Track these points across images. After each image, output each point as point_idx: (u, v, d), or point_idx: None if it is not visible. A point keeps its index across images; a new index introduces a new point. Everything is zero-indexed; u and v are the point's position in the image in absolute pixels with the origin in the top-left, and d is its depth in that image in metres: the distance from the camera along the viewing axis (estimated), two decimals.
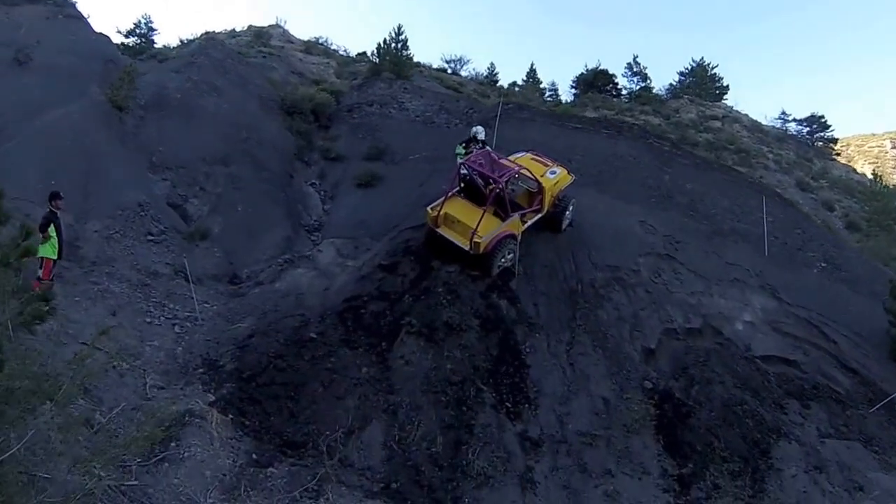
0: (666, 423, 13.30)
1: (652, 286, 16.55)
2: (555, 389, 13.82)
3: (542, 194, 16.75)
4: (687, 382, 14.12)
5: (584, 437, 12.88)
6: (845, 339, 15.93)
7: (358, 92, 28.72)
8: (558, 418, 13.29)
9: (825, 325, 16.20)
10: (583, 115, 28.19)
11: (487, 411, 13.09)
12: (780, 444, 12.89)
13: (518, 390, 13.60)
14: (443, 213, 15.72)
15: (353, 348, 14.01)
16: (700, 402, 13.60)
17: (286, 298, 15.81)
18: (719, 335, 15.39)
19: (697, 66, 42.40)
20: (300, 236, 19.63)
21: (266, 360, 13.52)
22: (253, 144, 21.80)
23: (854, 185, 36.79)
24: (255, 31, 37.93)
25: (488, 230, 15.18)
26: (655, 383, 14.15)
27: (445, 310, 14.58)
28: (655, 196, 20.54)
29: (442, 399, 13.07)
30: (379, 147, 23.78)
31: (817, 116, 43.22)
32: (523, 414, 13.21)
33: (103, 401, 11.27)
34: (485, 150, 16.89)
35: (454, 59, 42.72)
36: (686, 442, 12.90)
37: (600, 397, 13.72)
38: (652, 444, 12.96)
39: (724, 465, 12.37)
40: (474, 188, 16.42)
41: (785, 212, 22.28)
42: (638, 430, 13.06)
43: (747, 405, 13.53)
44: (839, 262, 19.63)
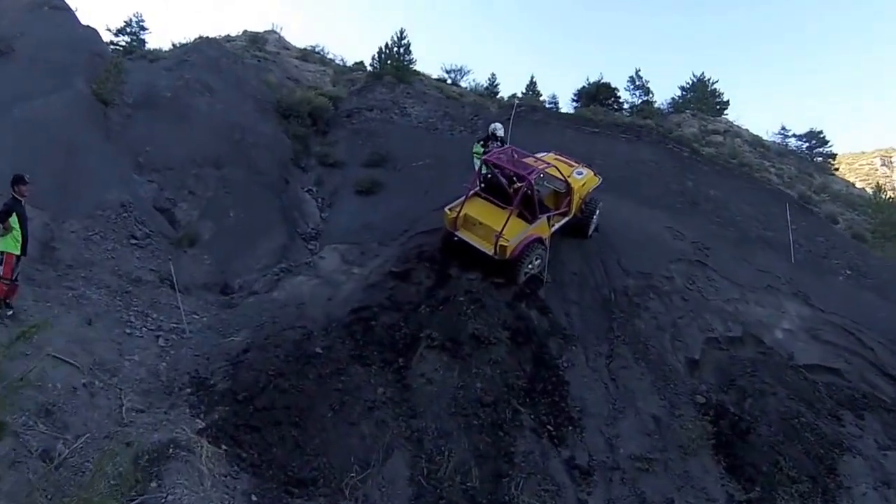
0: (724, 441, 11.95)
1: (687, 293, 15.55)
2: (599, 408, 12.36)
3: (571, 196, 15.49)
4: (738, 395, 12.97)
5: (639, 461, 11.40)
6: (880, 346, 15.13)
7: (357, 97, 27.81)
8: (607, 441, 11.78)
9: (860, 333, 15.41)
10: (600, 119, 27.12)
11: (528, 436, 11.44)
12: (844, 458, 11.82)
13: (559, 410, 12.06)
14: (462, 215, 14.35)
15: (366, 365, 12.33)
16: (756, 416, 12.39)
17: (285, 309, 14.17)
18: (761, 344, 14.46)
19: (698, 81, 41.88)
20: (296, 244, 18.25)
21: (265, 379, 11.66)
22: (247, 147, 20.69)
23: (855, 198, 36.81)
24: (251, 35, 37.12)
25: (515, 233, 13.84)
26: (707, 397, 12.90)
27: (470, 321, 13.05)
28: (680, 202, 20.05)
29: (474, 423, 11.41)
30: (380, 153, 22.85)
31: (816, 132, 43.56)
32: (568, 438, 11.65)
33: (68, 427, 9.37)
34: (508, 147, 15.63)
35: (454, 69, 41.33)
36: (749, 462, 11.57)
37: (650, 415, 12.34)
38: (712, 466, 11.60)
39: (793, 486, 11.11)
40: (497, 187, 15.03)
41: (807, 219, 22.05)
42: (695, 450, 11.69)
43: (804, 418, 12.44)
44: (864, 270, 19.30)
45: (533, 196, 14.29)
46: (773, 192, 23.57)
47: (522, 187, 14.09)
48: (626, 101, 39.72)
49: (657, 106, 40.33)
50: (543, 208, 14.86)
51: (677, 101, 41.74)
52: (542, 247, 14.52)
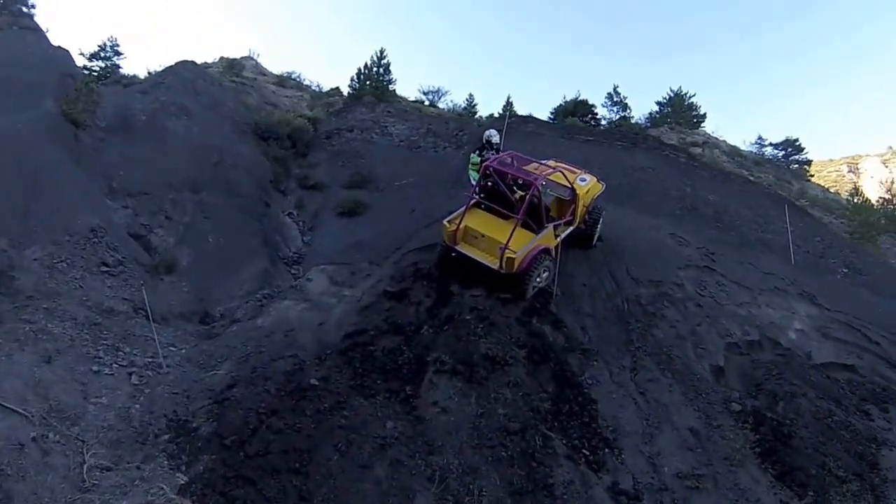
0: (769, 448, 11.37)
1: (700, 300, 15.06)
2: (634, 426, 11.38)
3: (576, 203, 14.59)
4: (770, 400, 12.47)
5: (687, 479, 10.54)
6: (885, 340, 15.01)
7: (337, 118, 27.68)
8: (649, 461, 10.81)
9: (865, 328, 15.29)
10: (593, 128, 26.80)
11: (563, 464, 10.33)
12: (882, 453, 11.55)
13: (592, 432, 11.02)
14: (462, 228, 13.33)
15: (369, 396, 11.15)
16: (792, 419, 11.93)
17: (272, 337, 13.03)
18: (778, 346, 14.16)
19: (675, 95, 42.05)
20: (279, 269, 17.58)
21: (255, 419, 10.44)
22: (225, 170, 20.23)
23: (831, 203, 38.14)
24: (227, 62, 37.32)
25: (521, 244, 12.84)
26: (742, 405, 12.32)
27: (481, 341, 12.01)
28: (680, 208, 19.93)
29: (502, 455, 10.25)
30: (362, 174, 22.75)
31: (791, 140, 44.34)
32: (607, 462, 10.61)
33: (12, 498, 8.10)
34: (508, 152, 14.69)
35: (432, 91, 41.24)
36: (798, 467, 11.03)
37: (688, 429, 11.53)
38: (761, 475, 10.93)
39: (843, 486, 10.67)
40: (498, 196, 14.02)
41: (803, 220, 22.28)
42: (741, 461, 11.01)
43: (836, 416, 12.14)
44: (859, 267, 19.69)
45: (539, 204, 13.38)
46: (769, 195, 23.58)
47: (529, 195, 13.18)
48: (603, 118, 39.66)
49: (635, 121, 40.45)
50: (549, 217, 13.95)
51: (655, 115, 41.93)
52: (550, 258, 13.60)
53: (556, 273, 13.80)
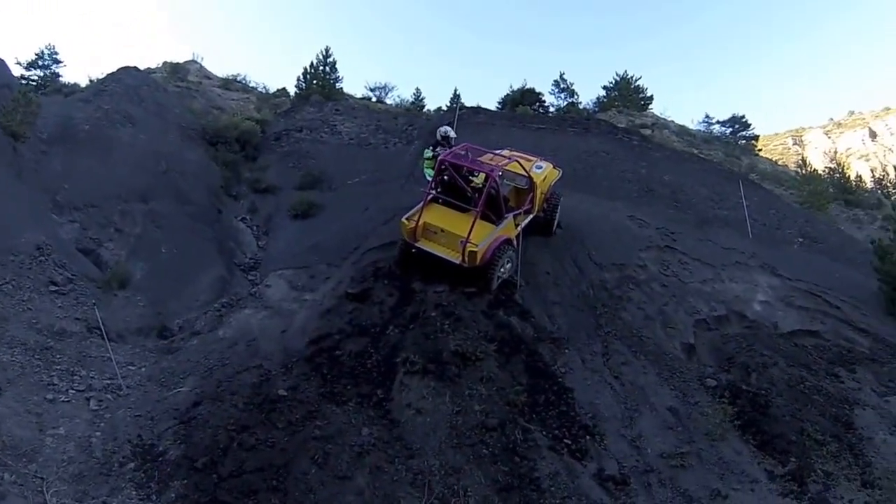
0: (748, 420, 11.56)
1: (665, 279, 15.39)
2: (612, 411, 11.34)
3: (534, 191, 14.46)
4: (743, 372, 12.76)
5: (671, 458, 10.59)
6: (845, 304, 15.64)
7: (285, 119, 27.27)
8: (631, 444, 10.79)
9: (825, 294, 15.88)
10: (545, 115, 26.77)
11: (547, 455, 10.14)
12: (855, 412, 11.93)
13: (571, 421, 10.86)
14: (421, 224, 13.06)
15: (341, 403, 10.79)
16: (767, 389, 12.21)
17: (235, 348, 12.65)
18: (745, 318, 14.61)
19: (621, 79, 42.24)
20: (236, 276, 17.21)
21: (225, 437, 10.00)
22: (174, 178, 19.80)
23: (781, 175, 38.94)
24: (171, 66, 36.26)
25: (482, 237, 12.64)
26: (717, 379, 12.55)
27: (450, 337, 11.73)
28: (637, 190, 20.02)
29: (484, 452, 10.01)
30: (313, 174, 22.50)
31: (738, 117, 45.16)
32: (590, 449, 10.50)
33: None
34: (463, 145, 14.40)
35: (379, 87, 40.79)
36: (777, 435, 11.25)
37: (666, 409, 11.60)
38: (743, 447, 11.11)
39: (823, 448, 10.99)
40: (455, 190, 13.81)
41: (757, 194, 22.54)
42: (723, 435, 11.20)
43: (808, 382, 12.51)
44: (814, 236, 20.18)
45: (497, 195, 13.25)
46: (721, 172, 23.86)
47: (486, 186, 12.98)
48: (551, 105, 39.66)
49: (583, 107, 40.61)
50: (508, 207, 13.81)
51: (602, 100, 42.05)
52: (512, 248, 13.45)
53: (518, 263, 13.63)
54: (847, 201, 33.83)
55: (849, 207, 33.18)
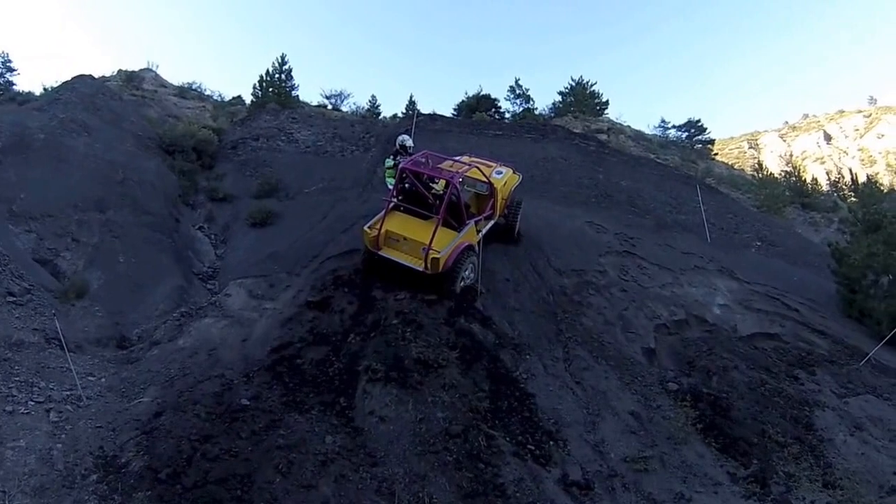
0: (709, 423, 11.67)
1: (624, 284, 15.58)
2: (575, 416, 11.31)
3: (494, 197, 14.60)
4: (704, 375, 12.92)
5: (635, 462, 10.59)
6: (803, 307, 16.08)
7: (241, 127, 27.19)
8: (594, 449, 10.78)
9: (783, 297, 16.32)
10: (501, 121, 26.88)
11: (511, 461, 10.08)
12: (815, 414, 12.14)
13: (534, 427, 10.84)
14: (383, 232, 13.10)
15: (304, 412, 10.64)
16: (727, 392, 12.39)
17: (196, 357, 12.33)
18: (705, 322, 14.81)
19: (577, 84, 42.51)
20: (194, 286, 16.94)
21: (189, 447, 9.74)
22: (131, 187, 19.45)
23: (737, 179, 39.96)
24: (126, 74, 35.99)
25: (444, 244, 12.68)
26: (678, 383, 12.61)
27: (412, 345, 11.67)
28: (594, 196, 20.29)
29: (448, 459, 9.90)
30: (270, 182, 22.35)
31: (694, 121, 45.85)
32: (554, 454, 10.46)
33: None
34: (423, 152, 14.42)
35: (335, 94, 40.94)
36: (739, 437, 11.36)
37: (628, 413, 11.64)
38: (705, 450, 11.18)
39: (784, 450, 11.14)
40: (416, 197, 13.85)
41: (714, 198, 23.10)
42: (685, 438, 11.26)
43: (769, 384, 12.67)
44: (772, 239, 20.75)
45: (458, 201, 13.32)
46: (679, 177, 24.27)
47: (447, 193, 13.04)
48: (507, 111, 40.13)
49: (538, 112, 40.93)
50: (469, 213, 13.87)
51: (558, 105, 42.31)
52: (474, 254, 13.49)
53: (479, 269, 13.66)
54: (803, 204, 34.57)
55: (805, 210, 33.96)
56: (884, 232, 17.70)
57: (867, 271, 16.94)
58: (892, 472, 10.80)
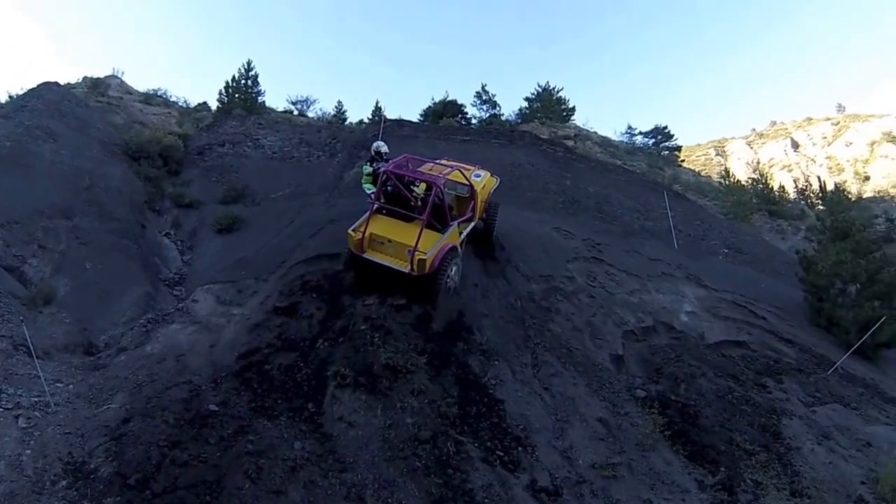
0: (678, 430, 11.74)
1: (592, 291, 15.58)
2: (543, 422, 11.30)
3: (475, 199, 14.62)
4: (672, 382, 13.00)
5: (602, 469, 10.61)
6: (771, 315, 16.29)
7: (208, 133, 27.11)
8: (563, 455, 10.76)
9: (751, 305, 16.49)
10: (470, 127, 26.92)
11: (479, 467, 10.09)
12: (783, 422, 12.26)
13: (503, 433, 10.83)
14: (368, 235, 13.03)
15: (273, 417, 10.60)
16: (695, 399, 12.48)
17: (164, 364, 12.24)
18: (672, 329, 14.88)
19: (543, 90, 42.70)
20: (161, 292, 16.79)
21: (157, 453, 9.70)
22: (98, 193, 19.32)
23: (704, 185, 40.62)
24: (92, 81, 35.96)
25: (430, 245, 12.63)
26: (647, 390, 12.73)
27: (380, 350, 11.60)
28: (562, 202, 20.28)
29: (417, 465, 9.88)
30: (237, 188, 22.44)
31: (661, 128, 46.30)
32: (522, 460, 10.43)
33: None
34: (404, 156, 14.48)
35: (300, 100, 40.74)
36: (707, 445, 11.46)
37: (596, 420, 11.65)
38: (673, 457, 11.23)
39: (752, 458, 11.24)
40: (398, 200, 13.84)
41: (682, 205, 23.23)
42: (653, 445, 11.29)
43: (736, 392, 12.81)
44: (739, 246, 20.92)
45: (443, 204, 13.33)
46: (646, 183, 24.49)
47: (432, 195, 13.06)
48: (473, 117, 40.32)
49: (505, 118, 41.20)
50: (451, 215, 13.87)
51: (524, 111, 42.56)
52: (458, 255, 13.52)
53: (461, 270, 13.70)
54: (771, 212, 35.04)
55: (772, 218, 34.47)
56: (851, 240, 17.98)
57: (835, 280, 17.23)
58: (858, 481, 10.96)
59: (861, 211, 37.94)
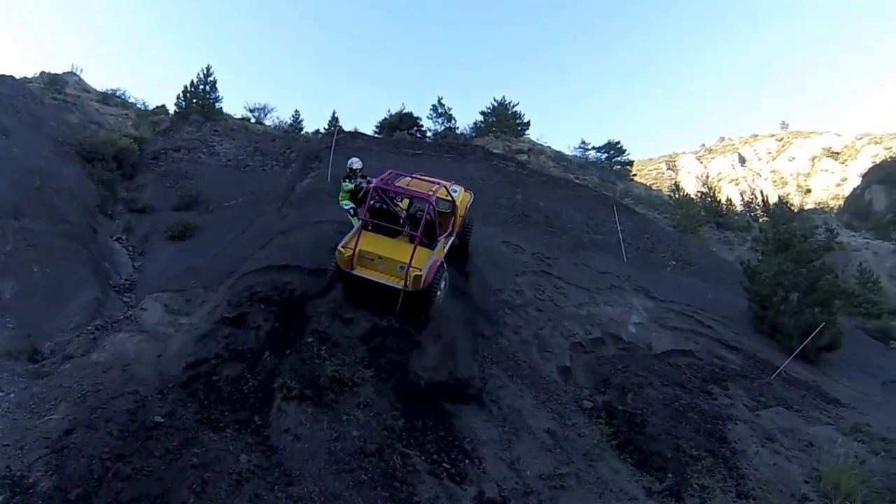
0: (625, 439, 11.95)
1: (540, 304, 15.82)
2: (490, 434, 11.38)
3: (455, 215, 14.85)
4: (619, 393, 13.30)
5: (550, 479, 10.61)
6: (717, 324, 16.82)
7: (164, 137, 26.87)
8: (510, 467, 10.80)
9: (697, 315, 16.85)
10: (422, 140, 27.02)
11: (426, 480, 10.09)
12: (728, 427, 12.69)
13: (449, 445, 10.92)
14: (357, 252, 13.15)
15: (219, 430, 10.44)
16: (642, 408, 12.74)
17: (110, 373, 12.03)
18: (620, 340, 15.34)
19: (499, 105, 43.33)
20: (111, 298, 16.41)
21: (100, 466, 9.47)
22: (49, 194, 18.89)
23: (655, 199, 41.65)
24: (49, 77, 35.16)
25: (423, 261, 12.87)
26: (593, 401, 12.94)
27: (327, 363, 11.62)
28: (512, 216, 20.54)
29: (363, 478, 9.84)
30: (190, 195, 22.22)
31: (614, 143, 47.54)
32: (469, 473, 10.48)
33: None
34: (390, 172, 14.61)
35: (258, 108, 41.07)
36: (654, 452, 11.67)
37: (544, 431, 11.72)
38: (621, 466, 11.40)
39: (698, 463, 11.52)
40: (385, 216, 14.08)
41: (632, 219, 23.82)
42: (600, 455, 11.43)
43: (683, 400, 13.25)
44: (687, 258, 21.52)
45: (434, 220, 13.62)
46: (598, 198, 24.92)
47: (425, 212, 13.29)
48: (429, 129, 40.72)
49: (460, 132, 41.69)
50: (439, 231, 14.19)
51: (479, 125, 43.08)
52: (444, 270, 13.78)
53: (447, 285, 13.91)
54: (718, 224, 36.48)
55: (720, 230, 35.86)
56: (793, 251, 18.91)
57: (777, 288, 18.09)
58: (802, 480, 11.34)
59: (803, 222, 39.82)
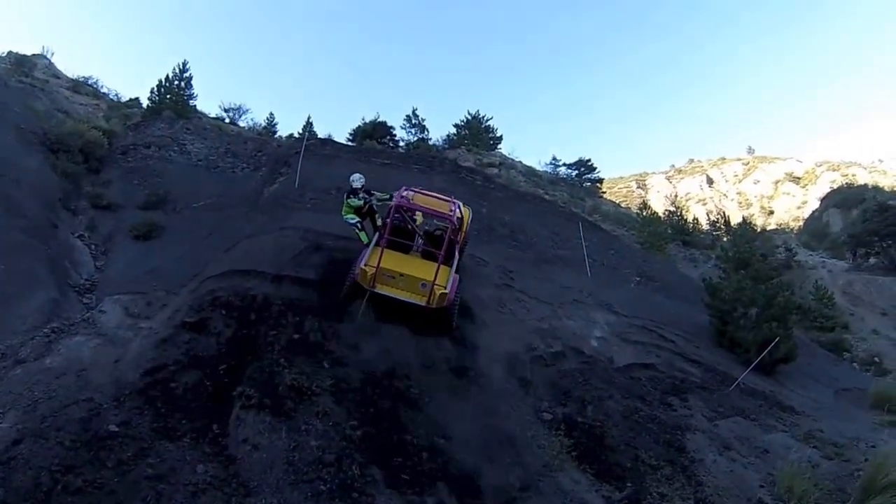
0: (584, 450, 12.08)
1: (502, 317, 15.82)
2: (450, 445, 11.40)
3: (462, 231, 15.17)
4: (579, 405, 13.31)
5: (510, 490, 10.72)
6: (679, 338, 17.28)
7: (134, 132, 26.39)
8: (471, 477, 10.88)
9: (660, 329, 17.39)
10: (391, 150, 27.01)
11: (385, 492, 10.03)
12: (687, 437, 12.90)
13: (408, 456, 10.91)
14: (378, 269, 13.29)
15: (175, 439, 10.25)
16: (602, 421, 12.85)
17: (63, 379, 11.61)
18: (582, 354, 15.25)
19: (473, 118, 43.97)
20: (69, 299, 15.76)
21: (49, 479, 9.09)
22: (7, 185, 18.24)
23: (623, 216, 42.29)
24: (17, 58, 34.63)
25: (446, 279, 13.34)
26: (553, 413, 12.99)
27: (286, 371, 11.59)
28: (476, 229, 20.14)
29: (321, 488, 9.72)
30: (158, 194, 21.79)
31: (584, 160, 48.55)
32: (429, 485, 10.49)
33: None
34: (405, 188, 15.01)
35: (233, 108, 41.36)
36: (614, 463, 11.85)
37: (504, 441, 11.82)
38: (581, 476, 11.52)
39: (657, 472, 11.74)
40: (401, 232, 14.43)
41: (597, 235, 24.15)
42: (561, 466, 11.54)
43: (643, 412, 13.38)
44: (651, 275, 21.86)
45: (455, 238, 13.96)
46: (564, 213, 25.25)
47: (448, 231, 13.82)
48: (402, 139, 41.37)
49: (433, 143, 42.29)
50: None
51: (452, 137, 43.71)
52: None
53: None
54: (684, 241, 37.69)
55: (686, 248, 37.01)
56: (752, 269, 19.64)
57: (737, 304, 18.90)
58: (758, 485, 11.62)
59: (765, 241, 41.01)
